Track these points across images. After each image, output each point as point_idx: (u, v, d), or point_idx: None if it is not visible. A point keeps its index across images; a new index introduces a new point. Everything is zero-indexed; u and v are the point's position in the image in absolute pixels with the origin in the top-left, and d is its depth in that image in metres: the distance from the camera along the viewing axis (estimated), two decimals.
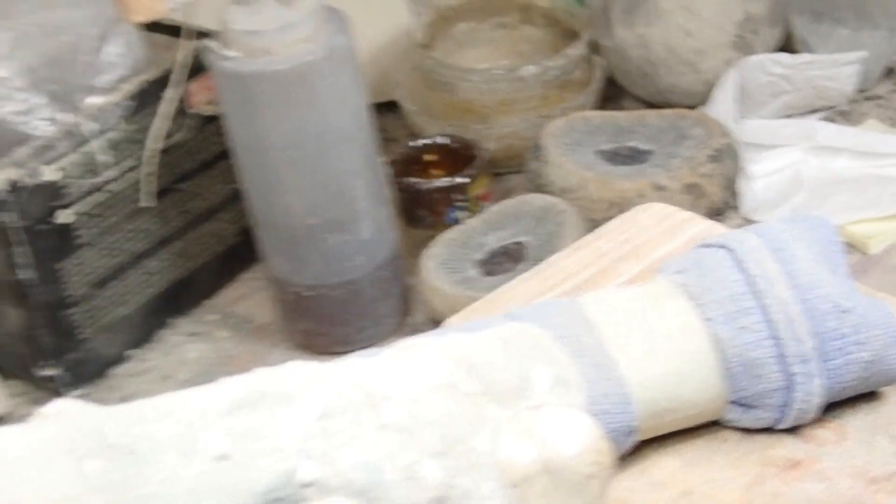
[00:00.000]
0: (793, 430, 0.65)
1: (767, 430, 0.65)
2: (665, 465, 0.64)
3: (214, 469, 0.47)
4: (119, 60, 1.14)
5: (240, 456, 0.47)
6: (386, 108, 1.32)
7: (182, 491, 0.46)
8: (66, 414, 0.48)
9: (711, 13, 1.27)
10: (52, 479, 0.46)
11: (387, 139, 1.31)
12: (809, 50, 1.31)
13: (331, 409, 0.49)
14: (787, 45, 1.32)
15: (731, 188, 1.18)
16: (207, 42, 1.09)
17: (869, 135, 1.23)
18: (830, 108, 1.28)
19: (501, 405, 0.50)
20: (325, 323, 1.14)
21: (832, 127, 1.24)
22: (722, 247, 0.65)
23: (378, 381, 0.50)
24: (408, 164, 1.23)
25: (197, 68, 1.13)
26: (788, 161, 1.21)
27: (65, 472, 0.46)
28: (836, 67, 1.26)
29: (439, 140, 1.22)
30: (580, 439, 0.50)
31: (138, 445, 0.47)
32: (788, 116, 1.27)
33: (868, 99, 1.30)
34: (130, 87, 1.12)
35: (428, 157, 1.23)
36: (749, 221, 1.15)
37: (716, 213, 1.16)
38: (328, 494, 0.48)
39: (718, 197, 1.16)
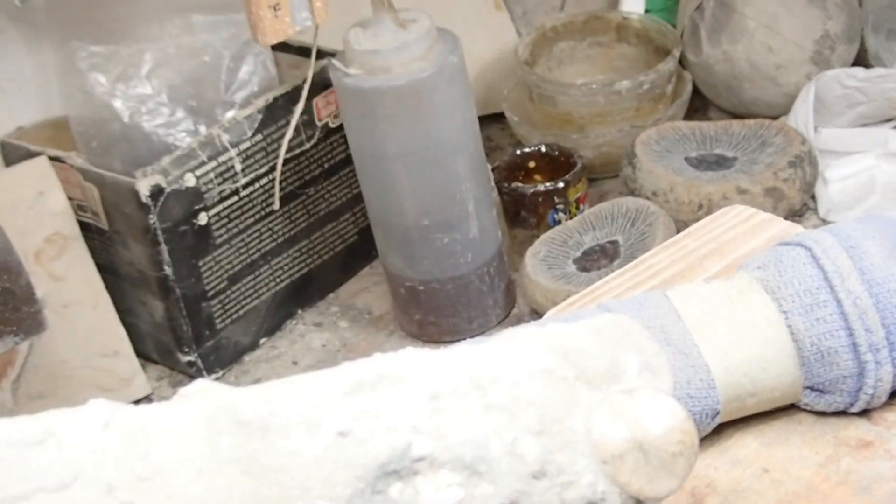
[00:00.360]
0: (864, 413, 0.64)
1: (840, 413, 0.64)
2: (745, 445, 0.64)
3: (336, 444, 0.47)
4: (251, 78, 1.15)
5: (359, 432, 0.47)
6: (492, 120, 1.32)
7: (307, 463, 0.47)
8: (205, 394, 0.49)
9: (792, 31, 1.26)
10: (192, 451, 0.46)
11: (493, 148, 1.31)
12: (882, 64, 1.30)
13: (441, 390, 0.49)
14: (862, 60, 1.31)
15: (808, 191, 1.17)
16: (331, 61, 1.09)
17: None
18: None
19: (594, 389, 0.50)
20: (436, 314, 1.15)
21: None
22: (799, 245, 0.65)
23: (484, 366, 0.50)
24: (512, 171, 1.23)
25: (322, 84, 1.14)
26: (862, 166, 1.19)
27: (204, 445, 0.46)
28: None
29: (541, 148, 1.22)
30: (667, 420, 0.49)
31: (269, 422, 0.47)
32: (862, 126, 1.25)
33: None
34: (261, 101, 1.13)
35: (530, 164, 1.23)
36: (825, 222, 1.14)
37: (794, 215, 1.15)
38: (438, 468, 0.47)
39: (797, 199, 1.15)
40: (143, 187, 1.06)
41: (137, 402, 0.89)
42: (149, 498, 0.46)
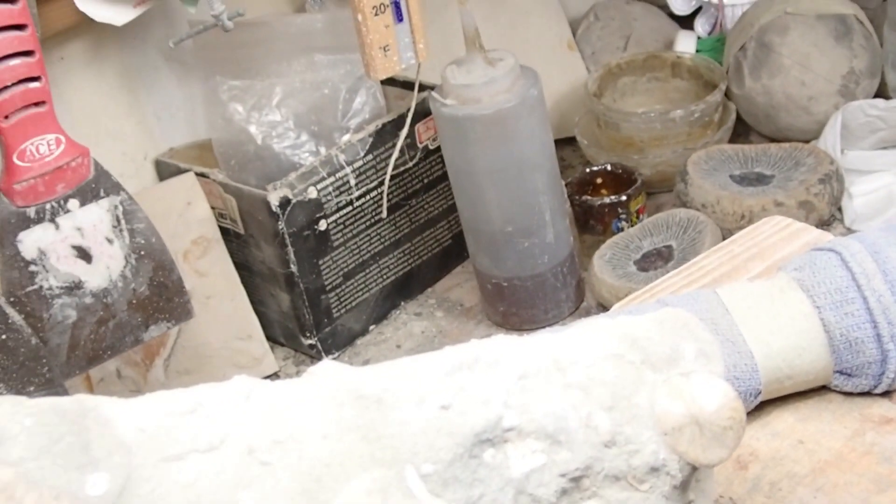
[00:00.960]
0: (885, 394, 0.64)
1: (865, 394, 0.64)
2: (783, 420, 0.63)
3: (439, 416, 0.47)
4: (364, 108, 1.16)
5: (458, 406, 0.47)
6: (566, 143, 1.32)
7: (415, 431, 0.47)
8: (329, 373, 0.49)
9: (822, 68, 1.24)
10: (319, 420, 0.47)
11: (566, 166, 1.31)
12: None
13: (527, 371, 0.49)
14: (882, 93, 1.29)
15: (836, 204, 1.16)
16: (431, 93, 1.10)
17: None
18: None
19: (657, 371, 0.50)
20: (518, 306, 1.14)
21: None
22: (831, 250, 0.64)
23: (563, 351, 0.50)
24: (582, 185, 1.22)
25: (423, 113, 1.14)
26: (882, 183, 1.18)
27: (328, 415, 0.47)
28: None
29: (607, 167, 1.22)
30: (719, 399, 0.49)
31: (383, 396, 0.47)
32: (882, 148, 1.24)
33: None
34: (372, 127, 1.13)
35: (598, 180, 1.23)
36: (850, 230, 1.13)
37: (823, 224, 1.14)
38: (524, 437, 0.48)
39: (826, 211, 1.14)
40: (274, 199, 1.07)
41: (267, 377, 0.90)
42: (283, 458, 0.46)
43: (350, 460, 0.46)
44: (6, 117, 0.86)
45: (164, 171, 1.18)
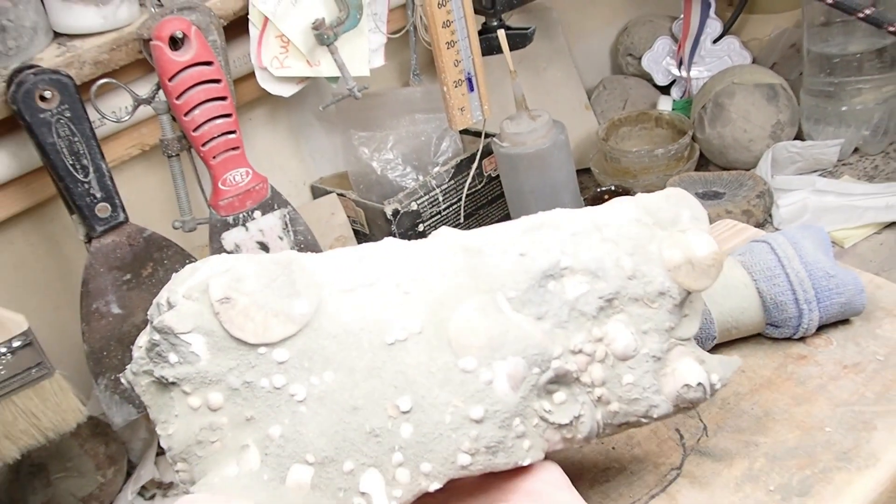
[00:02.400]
0: (801, 339, 0.63)
1: (787, 339, 0.63)
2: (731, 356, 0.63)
3: (519, 260, 0.48)
4: (448, 149, 1.16)
5: (532, 253, 0.48)
6: (583, 171, 1.31)
7: (504, 271, 0.48)
8: (445, 234, 0.50)
9: (758, 120, 1.23)
10: (440, 264, 0.48)
11: (583, 187, 1.30)
12: (812, 138, 1.26)
13: (576, 230, 0.50)
14: (799, 136, 1.27)
15: (768, 212, 1.14)
16: (493, 139, 1.10)
17: (844, 184, 1.19)
18: (823, 169, 1.23)
19: (663, 229, 0.51)
20: None
21: (824, 180, 1.19)
22: (764, 241, 0.64)
23: (600, 217, 0.51)
24: (595, 201, 1.21)
25: (486, 152, 1.14)
26: (799, 198, 1.17)
27: (446, 260, 0.48)
28: (826, 148, 1.22)
29: (612, 188, 1.21)
30: (706, 247, 0.49)
31: (482, 248, 0.48)
32: (799, 174, 1.22)
33: (843, 164, 1.24)
34: (454, 162, 1.14)
35: (605, 197, 1.22)
36: (777, 229, 1.11)
37: (759, 225, 1.12)
38: (574, 273, 0.48)
39: (761, 217, 1.13)
40: (389, 210, 1.08)
41: None
42: (418, 289, 0.46)
43: (461, 290, 0.47)
44: (214, 157, 0.87)
45: (316, 192, 1.19)
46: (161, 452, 1.01)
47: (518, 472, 0.45)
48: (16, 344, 0.78)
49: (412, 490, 0.43)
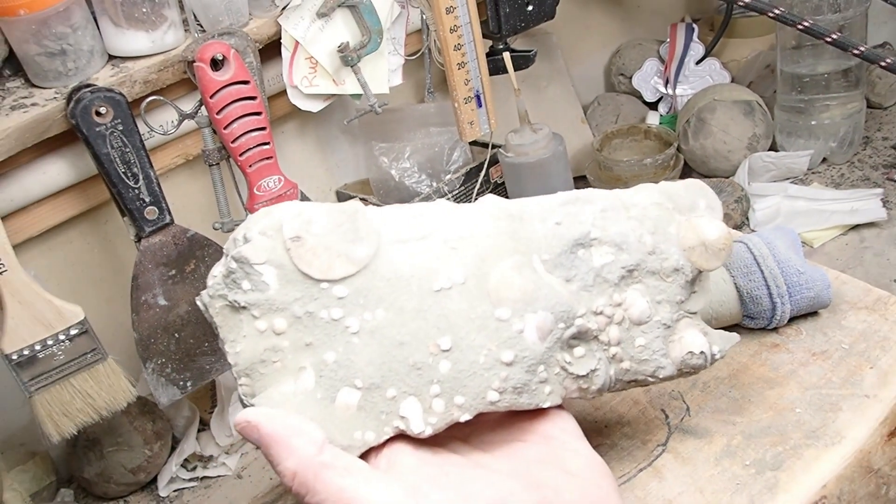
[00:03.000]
0: (775, 329, 0.63)
1: (762, 329, 0.63)
2: None
3: (555, 228, 0.48)
4: (459, 158, 1.16)
5: (566, 223, 0.48)
6: (580, 179, 1.31)
7: (540, 236, 0.48)
8: (491, 200, 0.49)
9: (736, 133, 1.22)
10: (485, 226, 0.48)
11: None
12: (784, 149, 1.26)
13: (606, 207, 0.50)
14: (773, 148, 1.27)
15: (745, 215, 1.14)
16: (499, 150, 1.10)
17: (813, 190, 1.18)
18: (795, 177, 1.23)
19: (681, 214, 0.51)
20: None
21: (795, 186, 1.19)
22: (741, 241, 0.63)
23: (627, 197, 0.51)
24: None
25: (493, 161, 1.14)
26: (773, 203, 1.16)
27: (490, 224, 0.48)
28: (797, 158, 1.21)
29: None
30: (718, 232, 0.50)
31: (523, 214, 0.48)
32: (773, 182, 1.22)
33: (813, 172, 1.24)
34: (464, 170, 1.13)
35: None
36: (753, 231, 1.11)
37: (737, 227, 1.12)
38: (601, 244, 0.48)
39: (739, 220, 1.12)
40: None
41: None
42: (464, 247, 0.46)
43: (501, 250, 0.47)
44: (250, 166, 0.88)
45: (342, 197, 1.19)
46: (202, 429, 1.01)
47: (537, 415, 0.46)
48: (73, 332, 0.78)
49: (445, 419, 0.44)
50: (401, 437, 0.44)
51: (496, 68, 1.08)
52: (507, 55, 1.06)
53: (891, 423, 0.53)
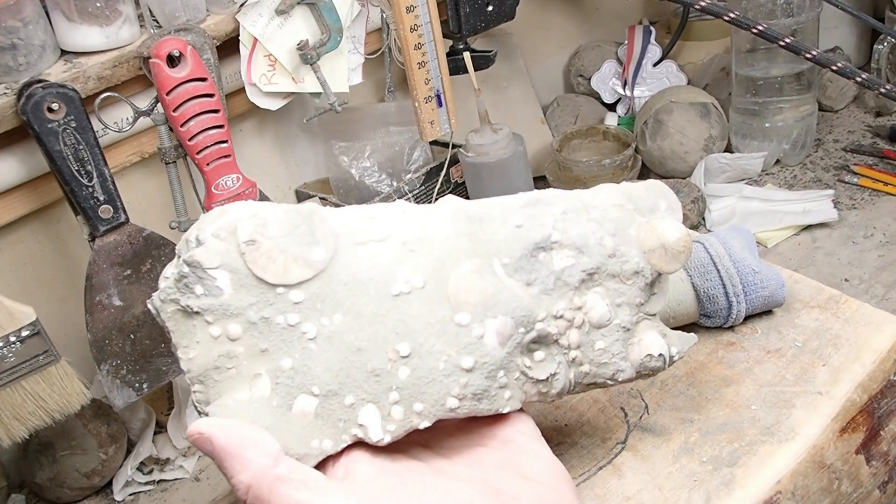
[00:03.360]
0: (731, 328, 0.63)
1: (718, 328, 0.63)
2: None
3: (515, 231, 0.48)
4: (419, 158, 1.16)
5: (527, 226, 0.48)
6: (539, 179, 1.31)
7: (500, 238, 0.47)
8: (450, 201, 0.49)
9: (693, 135, 1.24)
10: (443, 228, 0.47)
11: None
12: (739, 151, 1.28)
13: (567, 208, 0.49)
14: (728, 149, 1.29)
15: (701, 215, 1.15)
16: (459, 150, 1.10)
17: (767, 191, 1.20)
18: (749, 178, 1.25)
19: (642, 216, 0.51)
20: None
21: (750, 188, 1.21)
22: (698, 241, 0.64)
23: (588, 199, 0.51)
24: None
25: (454, 161, 1.14)
26: (728, 203, 1.18)
27: (449, 226, 0.47)
28: (752, 159, 1.23)
29: None
30: (677, 234, 0.50)
31: (483, 217, 0.48)
32: (729, 182, 1.23)
33: (767, 174, 1.26)
34: (424, 170, 1.13)
35: None
36: (710, 231, 1.12)
37: (694, 227, 1.13)
38: (562, 248, 0.48)
39: (695, 220, 1.13)
40: None
41: None
42: (422, 248, 0.46)
43: (461, 252, 0.46)
44: (207, 164, 0.87)
45: (301, 196, 1.18)
46: (159, 431, 1.00)
47: (496, 420, 0.45)
48: (25, 333, 0.77)
49: (404, 426, 0.43)
50: (359, 444, 0.43)
51: (456, 68, 1.08)
52: (467, 55, 1.06)
53: (842, 420, 0.54)
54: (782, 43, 1.03)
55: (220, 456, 0.40)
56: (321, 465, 0.43)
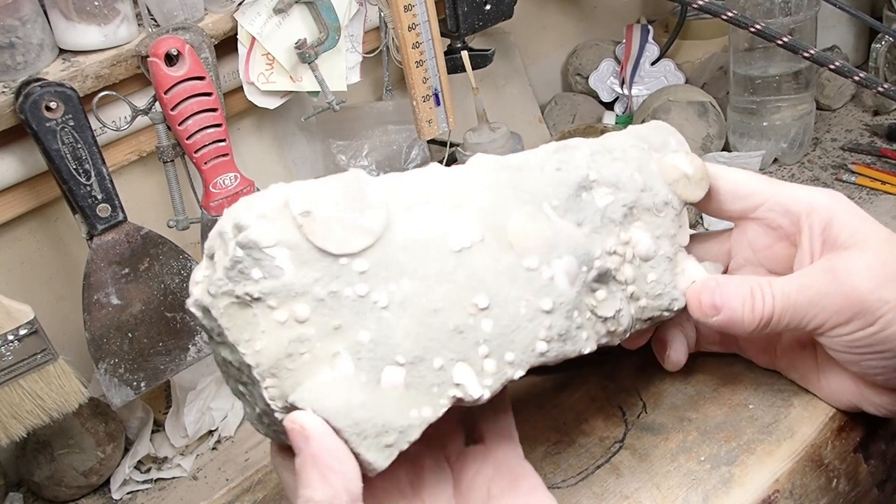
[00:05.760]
0: None
1: None
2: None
3: (554, 174, 0.49)
4: (417, 157, 1.16)
5: (564, 168, 0.49)
6: None
7: (543, 183, 0.48)
8: (483, 158, 0.49)
9: (691, 133, 1.24)
10: (485, 182, 0.47)
11: None
12: (737, 149, 1.28)
13: (593, 150, 0.51)
14: (727, 147, 1.29)
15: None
16: (457, 148, 1.10)
17: None
18: None
19: (657, 152, 0.53)
20: None
21: None
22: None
23: (608, 142, 0.52)
24: None
25: (452, 160, 1.14)
26: None
27: (489, 178, 0.48)
28: (749, 158, 1.23)
29: None
30: (695, 164, 0.52)
31: (522, 165, 0.49)
32: None
33: (765, 173, 1.26)
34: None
35: None
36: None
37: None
38: (600, 186, 0.50)
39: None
40: None
41: None
42: (468, 205, 0.46)
43: (507, 201, 0.47)
44: (205, 163, 0.87)
45: None
46: (156, 430, 1.00)
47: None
48: (22, 332, 0.77)
49: (500, 379, 0.43)
50: None
51: (454, 67, 1.08)
52: (465, 54, 1.06)
53: (840, 419, 0.54)
54: (780, 42, 1.03)
55: (306, 460, 0.38)
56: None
